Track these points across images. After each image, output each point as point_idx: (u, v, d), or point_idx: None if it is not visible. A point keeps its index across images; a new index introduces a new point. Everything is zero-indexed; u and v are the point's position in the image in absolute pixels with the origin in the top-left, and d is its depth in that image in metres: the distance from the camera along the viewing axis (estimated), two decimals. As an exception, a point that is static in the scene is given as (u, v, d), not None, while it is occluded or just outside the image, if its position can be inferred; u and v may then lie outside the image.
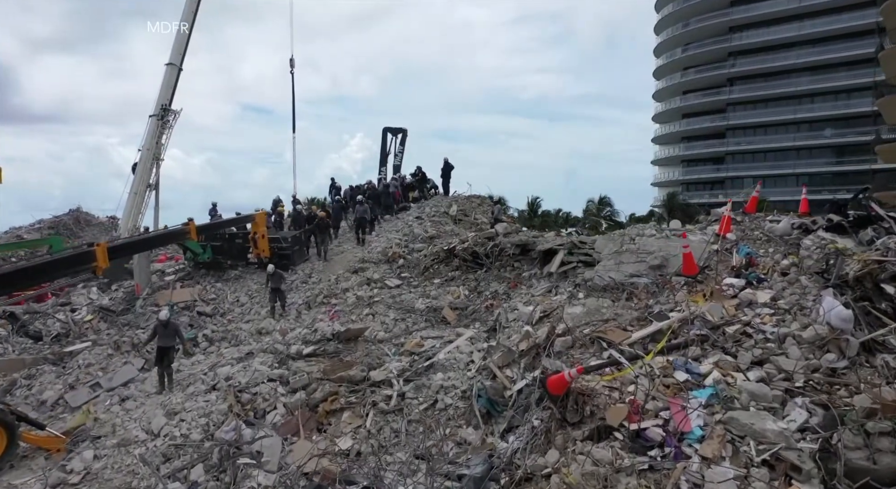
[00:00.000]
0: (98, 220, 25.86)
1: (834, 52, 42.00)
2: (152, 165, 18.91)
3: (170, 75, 18.46)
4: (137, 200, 17.82)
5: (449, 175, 18.84)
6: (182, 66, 18.90)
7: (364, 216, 15.86)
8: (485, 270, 12.34)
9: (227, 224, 15.57)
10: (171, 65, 18.51)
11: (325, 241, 15.55)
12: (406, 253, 14.35)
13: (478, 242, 12.81)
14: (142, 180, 18.04)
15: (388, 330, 11.23)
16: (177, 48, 18.10)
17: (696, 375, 5.60)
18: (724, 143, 47.89)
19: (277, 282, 12.62)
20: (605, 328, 7.37)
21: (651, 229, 9.49)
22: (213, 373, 8.46)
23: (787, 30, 44.17)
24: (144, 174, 18.25)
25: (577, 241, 10.26)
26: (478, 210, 17.60)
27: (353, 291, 13.01)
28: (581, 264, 10.10)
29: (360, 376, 8.58)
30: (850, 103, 41.85)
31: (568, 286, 9.98)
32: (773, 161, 45.86)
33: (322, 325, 11.07)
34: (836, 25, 41.70)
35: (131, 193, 17.64)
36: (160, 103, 18.53)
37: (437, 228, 15.58)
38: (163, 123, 18.89)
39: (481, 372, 7.89)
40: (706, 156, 49.38)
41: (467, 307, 11.59)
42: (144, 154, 17.92)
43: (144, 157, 17.87)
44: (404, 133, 22.58)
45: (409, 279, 13.34)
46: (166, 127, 19.54)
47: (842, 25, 41.39)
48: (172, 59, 18.52)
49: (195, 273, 14.72)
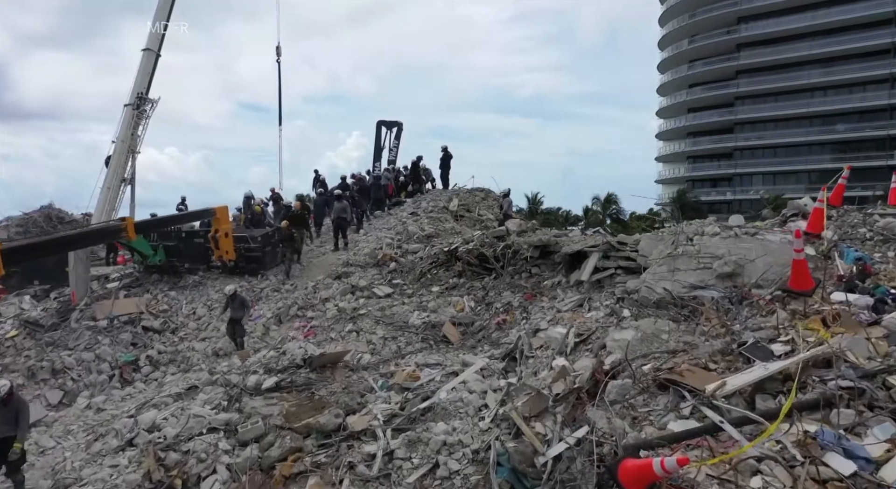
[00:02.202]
0: (72, 217, 24.05)
1: (848, 43, 40.18)
2: (127, 158, 17.25)
3: (147, 62, 16.98)
4: (111, 196, 16.34)
5: (448, 165, 16.64)
6: (160, 52, 17.44)
7: (343, 215, 13.45)
8: (494, 277, 10.15)
9: (177, 220, 13.16)
10: (148, 50, 17.05)
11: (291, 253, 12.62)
12: (399, 255, 12.13)
13: (485, 243, 10.62)
14: (115, 174, 16.53)
15: (376, 351, 9.03)
16: (154, 33, 17.03)
17: (863, 461, 3.44)
18: (732, 138, 46.01)
19: (238, 310, 9.79)
20: (676, 366, 5.20)
21: (713, 226, 7.36)
22: (134, 421, 6.23)
23: (799, 20, 42.29)
24: (118, 168, 16.67)
25: (616, 242, 8.07)
26: (482, 205, 15.38)
27: (335, 302, 10.78)
28: (621, 271, 7.93)
29: (333, 424, 6.37)
30: (865, 96, 40.13)
31: (604, 299, 7.80)
32: (783, 157, 44.03)
33: (292, 346, 8.83)
34: (850, 15, 39.86)
35: (104, 188, 16.24)
36: (136, 91, 17.01)
37: (435, 226, 13.37)
38: (139, 113, 17.31)
39: (499, 423, 5.70)
40: (713, 152, 47.48)
41: (473, 322, 9.41)
42: (118, 146, 16.66)
43: (118, 150, 16.60)
44: (399, 126, 21.15)
45: (401, 287, 11.13)
46: (143, 117, 17.98)
47: (856, 15, 39.56)
48: (150, 44, 17.07)
49: (145, 279, 12.38)
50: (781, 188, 42.73)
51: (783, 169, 43.76)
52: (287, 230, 12.50)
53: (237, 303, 9.64)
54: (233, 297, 9.68)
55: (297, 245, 12.67)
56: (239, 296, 9.87)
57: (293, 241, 12.55)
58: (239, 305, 9.66)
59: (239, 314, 9.63)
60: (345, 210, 13.53)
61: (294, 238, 12.57)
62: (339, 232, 13.45)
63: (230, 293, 9.79)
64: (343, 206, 13.56)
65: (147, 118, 20.03)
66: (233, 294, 9.72)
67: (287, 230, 12.50)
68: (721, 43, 45.65)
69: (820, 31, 41.29)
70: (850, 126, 40.51)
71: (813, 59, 41.86)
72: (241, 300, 9.75)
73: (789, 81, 42.82)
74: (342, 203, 13.61)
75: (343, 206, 13.56)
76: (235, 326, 9.65)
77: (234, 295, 9.70)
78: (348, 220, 13.61)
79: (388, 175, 17.95)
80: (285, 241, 12.54)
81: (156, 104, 20.04)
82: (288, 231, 12.47)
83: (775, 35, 43.36)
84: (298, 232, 12.88)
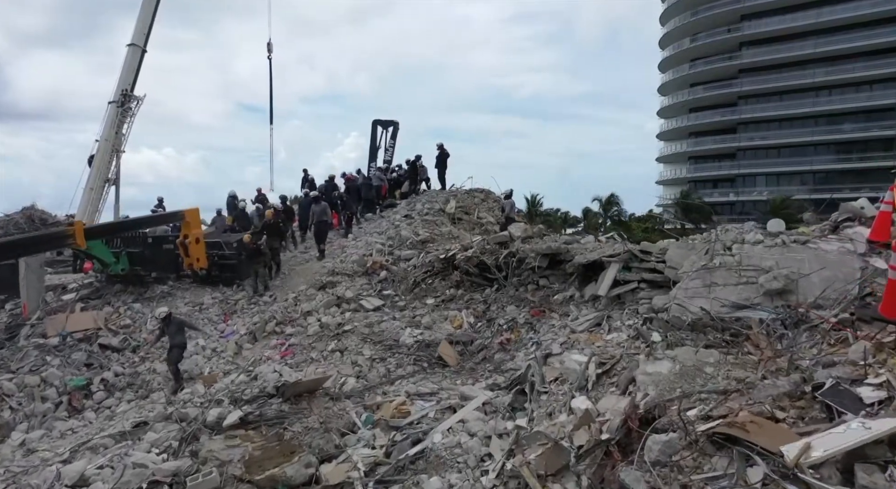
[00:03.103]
0: (55, 219, 23.06)
1: (854, 41, 39.32)
2: (111, 158, 16.86)
3: (132, 57, 16.44)
4: (94, 197, 16.21)
5: (445, 164, 15.50)
6: (146, 48, 16.87)
7: (323, 218, 12.14)
8: (496, 289, 9.02)
9: (139, 224, 11.67)
10: (134, 46, 16.44)
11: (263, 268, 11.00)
12: (390, 262, 10.99)
13: (486, 249, 9.49)
14: (99, 175, 16.17)
15: (361, 374, 7.90)
16: (140, 28, 16.41)
17: None
18: (735, 138, 45.07)
19: (177, 335, 8.20)
20: (732, 413, 4.08)
21: (755, 232, 6.27)
22: (57, 474, 5.06)
23: (804, 17, 41.40)
24: (102, 168, 16.29)
25: (638, 251, 6.94)
26: (481, 207, 14.23)
27: (318, 316, 9.63)
28: (645, 285, 6.81)
29: (303, 476, 5.22)
30: (871, 95, 39.24)
31: (626, 318, 6.68)
32: (787, 157, 43.10)
33: (266, 370, 7.68)
34: (857, 12, 39.00)
35: (87, 189, 16.06)
36: (121, 88, 16.45)
37: (430, 230, 12.23)
38: (123, 111, 16.85)
39: (506, 481, 4.58)
40: (716, 152, 46.54)
41: (472, 341, 8.29)
42: (102, 145, 16.21)
43: (102, 149, 16.16)
44: (395, 126, 20.54)
45: (393, 298, 9.99)
46: (128, 115, 17.34)
47: (863, 12, 38.70)
48: (135, 39, 16.42)
49: (106, 289, 11.17)
50: (786, 189, 41.87)
51: (787, 169, 42.86)
52: (251, 244, 10.77)
53: (174, 328, 8.22)
54: (166, 321, 8.30)
55: (267, 259, 11.06)
56: (176, 319, 8.50)
57: (261, 255, 10.90)
58: (177, 330, 8.24)
59: (179, 339, 8.23)
60: (325, 212, 12.27)
61: (262, 252, 10.89)
62: (320, 240, 12.13)
63: (162, 316, 8.38)
64: (322, 208, 12.25)
65: (132, 116, 19.38)
66: (165, 317, 8.35)
67: (251, 244, 10.77)
68: (723, 41, 44.79)
69: (826, 29, 40.41)
70: (857, 126, 39.60)
71: (818, 58, 40.96)
72: (177, 323, 8.37)
73: (794, 80, 41.94)
74: (321, 205, 12.29)
75: (322, 208, 12.25)
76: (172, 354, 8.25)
77: (168, 318, 8.34)
78: (329, 222, 12.36)
79: (379, 175, 16.79)
80: (252, 255, 10.86)
81: (141, 101, 19.35)
82: (252, 245, 10.76)
83: (779, 33, 42.49)
84: (272, 244, 11.27)
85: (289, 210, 12.90)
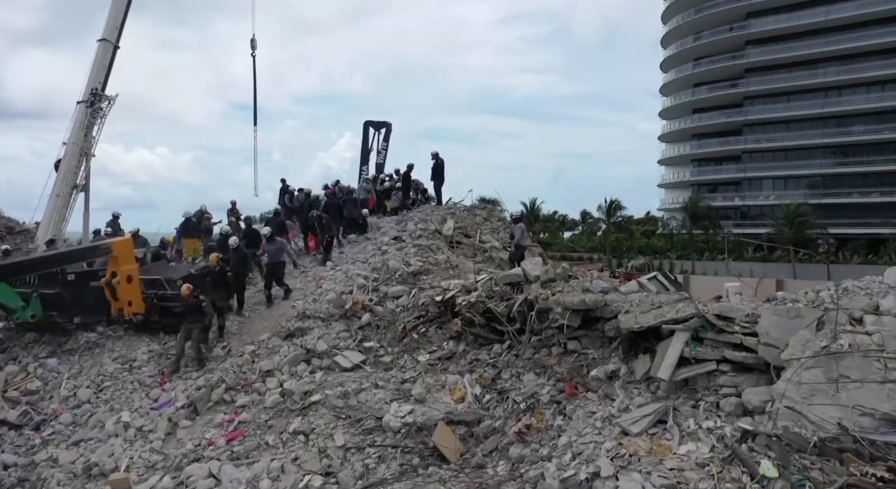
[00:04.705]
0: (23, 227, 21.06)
1: (866, 40, 37.76)
2: (80, 162, 15.23)
3: (103, 54, 15.05)
4: (60, 204, 14.66)
5: (441, 176, 13.42)
6: (119, 44, 15.46)
7: (279, 259, 9.77)
8: (508, 346, 6.98)
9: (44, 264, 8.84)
10: (105, 41, 15.10)
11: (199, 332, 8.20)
12: (375, 301, 8.92)
13: (494, 292, 7.45)
14: (66, 180, 14.64)
15: (331, 470, 5.86)
16: (111, 22, 15.18)
17: None
18: (740, 140, 43.43)
19: None
20: None
21: (893, 295, 4.30)
22: None
23: (813, 14, 39.79)
24: (69, 173, 14.71)
25: (714, 315, 4.92)
26: (484, 227, 12.12)
27: (280, 377, 7.54)
28: (728, 366, 4.79)
29: None
30: (883, 96, 37.69)
31: (702, 415, 4.66)
32: (795, 160, 41.50)
33: (197, 474, 5.60)
34: (869, 9, 37.40)
35: (52, 196, 14.61)
36: (90, 87, 14.97)
37: (424, 258, 10.16)
38: (93, 111, 15.20)
39: None
40: (720, 154, 44.87)
41: (479, 421, 6.28)
42: (70, 149, 14.72)
43: (70, 153, 14.67)
44: (388, 127, 19.13)
45: (376, 352, 7.91)
46: (98, 116, 15.81)
47: (875, 9, 37.09)
48: (106, 34, 15.11)
49: (16, 339, 8.88)
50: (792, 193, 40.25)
51: (795, 173, 41.26)
52: (190, 297, 7.91)
53: None
54: None
55: (207, 320, 8.22)
56: None
57: (200, 315, 8.03)
58: None
59: None
60: (281, 252, 9.84)
61: (202, 309, 8.04)
62: (271, 281, 9.72)
63: None
64: (277, 247, 9.81)
65: (103, 117, 17.52)
66: None
67: (190, 297, 7.91)
68: (728, 39, 43.17)
69: (836, 26, 38.80)
70: (868, 128, 38.00)
71: (828, 57, 39.36)
72: None
73: (802, 80, 40.32)
74: (275, 244, 9.81)
75: (277, 247, 9.81)
76: None
77: None
78: (283, 263, 9.87)
79: (366, 186, 14.69)
80: (190, 311, 8.00)
81: (113, 101, 17.48)
82: (192, 299, 7.92)
83: (787, 31, 40.88)
84: (216, 299, 8.51)
85: (251, 235, 10.69)
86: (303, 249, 12.26)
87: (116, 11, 15.50)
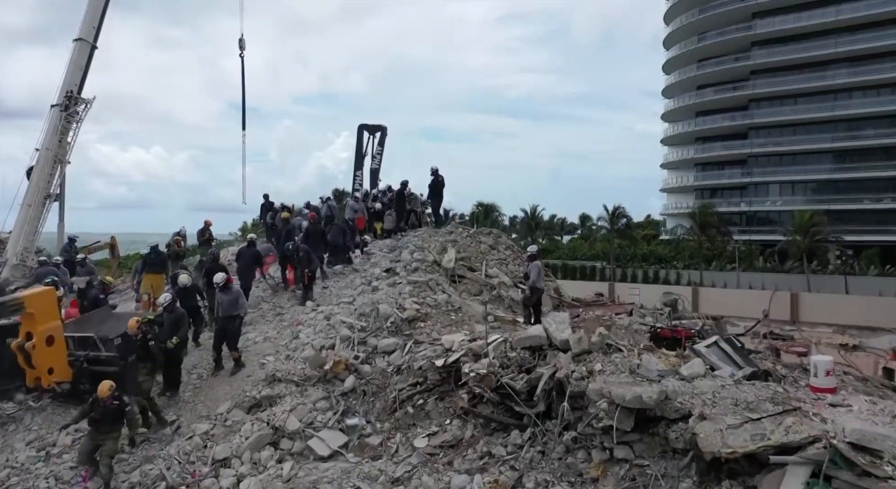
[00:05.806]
0: None
1: (877, 40, 36.57)
2: (53, 169, 14.40)
3: (79, 54, 14.24)
4: (32, 215, 13.91)
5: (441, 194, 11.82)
6: (97, 44, 14.64)
7: (230, 314, 7.67)
8: (530, 438, 5.39)
9: None
10: (82, 41, 14.29)
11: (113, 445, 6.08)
12: (361, 360, 7.32)
13: (509, 361, 5.86)
14: (38, 189, 13.89)
15: None
16: (88, 21, 14.42)
17: None
18: (746, 144, 42.15)
19: None
20: None
21: None
22: None
23: (822, 15, 38.52)
24: (42, 182, 13.94)
25: (842, 443, 3.38)
26: (490, 257, 10.50)
27: (238, 469, 5.93)
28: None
29: None
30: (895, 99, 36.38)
31: None
32: (803, 165, 40.24)
33: None
34: (880, 9, 36.19)
35: (23, 205, 13.95)
36: (65, 89, 14.17)
37: (421, 299, 8.56)
38: (68, 115, 14.39)
39: None
40: (725, 158, 43.55)
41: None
42: (43, 155, 13.96)
43: (42, 160, 13.88)
44: (383, 131, 18.85)
45: (362, 430, 6.33)
46: (73, 120, 14.98)
47: (886, 9, 35.88)
48: (83, 34, 14.31)
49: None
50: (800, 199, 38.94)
51: (803, 178, 40.00)
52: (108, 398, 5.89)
53: None
54: None
55: (145, 386, 6.64)
56: None
57: (119, 423, 6.08)
58: None
59: None
60: (235, 305, 7.75)
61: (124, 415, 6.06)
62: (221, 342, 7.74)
63: None
64: (232, 298, 7.75)
65: (79, 121, 16.36)
66: None
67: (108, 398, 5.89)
68: (733, 40, 41.96)
69: (846, 27, 37.56)
70: (880, 132, 36.73)
71: (837, 58, 38.12)
72: None
73: (810, 82, 39.12)
74: (231, 293, 7.80)
75: (232, 298, 7.75)
76: None
77: None
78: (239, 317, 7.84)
79: (355, 205, 13.08)
80: (105, 417, 5.86)
81: (90, 105, 16.45)
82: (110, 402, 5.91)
83: (794, 31, 39.66)
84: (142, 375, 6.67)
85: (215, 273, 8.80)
86: (280, 284, 10.61)
87: (94, 10, 14.62)
